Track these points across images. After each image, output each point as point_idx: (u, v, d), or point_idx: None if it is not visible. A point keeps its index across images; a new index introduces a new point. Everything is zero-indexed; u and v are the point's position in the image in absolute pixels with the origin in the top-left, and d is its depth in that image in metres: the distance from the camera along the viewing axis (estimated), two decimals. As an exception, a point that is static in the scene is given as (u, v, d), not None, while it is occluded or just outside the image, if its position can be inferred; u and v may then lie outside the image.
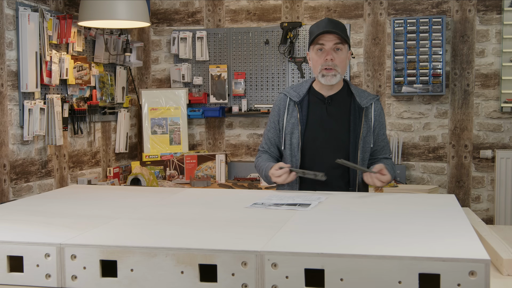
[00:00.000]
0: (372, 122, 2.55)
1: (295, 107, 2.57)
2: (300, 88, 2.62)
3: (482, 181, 4.68)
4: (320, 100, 2.58)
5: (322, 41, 2.48)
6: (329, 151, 2.52)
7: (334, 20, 2.53)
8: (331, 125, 2.54)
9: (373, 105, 2.57)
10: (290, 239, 1.53)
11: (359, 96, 2.57)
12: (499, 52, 4.57)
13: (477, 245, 1.42)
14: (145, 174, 4.26)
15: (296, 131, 2.55)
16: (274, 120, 2.65)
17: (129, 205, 2.08)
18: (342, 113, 2.56)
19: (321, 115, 2.56)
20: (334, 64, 2.48)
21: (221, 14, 5.09)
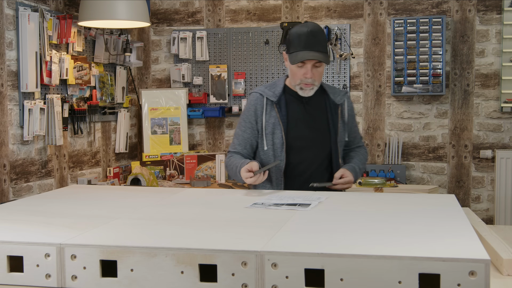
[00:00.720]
0: (346, 117, 2.67)
1: (273, 106, 2.59)
2: (275, 88, 2.63)
3: (482, 181, 4.68)
4: (297, 99, 2.62)
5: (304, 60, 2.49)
6: (313, 149, 2.60)
7: (315, 33, 2.50)
8: (312, 123, 2.61)
9: (346, 101, 2.69)
10: (290, 239, 1.53)
11: (332, 94, 2.66)
12: (499, 52, 4.57)
13: (477, 245, 1.42)
14: (145, 174, 4.26)
15: (278, 131, 2.57)
16: (250, 120, 2.64)
17: (129, 205, 2.08)
18: (320, 111, 2.64)
19: (301, 114, 2.61)
20: (313, 80, 2.53)
21: (221, 14, 5.09)
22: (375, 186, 4.05)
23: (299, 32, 2.50)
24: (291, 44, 2.53)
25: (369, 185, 4.07)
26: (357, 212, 1.94)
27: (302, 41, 2.48)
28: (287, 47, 2.56)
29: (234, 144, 2.68)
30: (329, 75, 4.87)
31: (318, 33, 2.51)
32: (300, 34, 2.50)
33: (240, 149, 2.65)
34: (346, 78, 4.85)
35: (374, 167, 4.70)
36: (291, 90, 2.63)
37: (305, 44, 2.47)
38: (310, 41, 2.48)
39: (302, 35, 2.49)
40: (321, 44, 2.51)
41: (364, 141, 2.85)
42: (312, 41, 2.48)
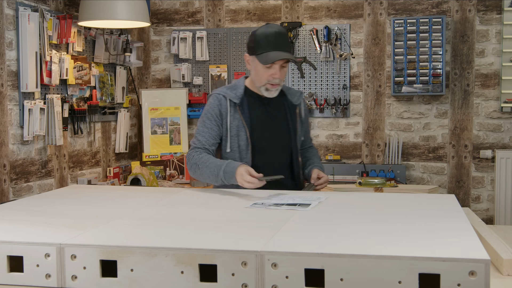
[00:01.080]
0: (303, 117, 2.74)
1: (236, 108, 2.58)
2: (236, 89, 2.62)
3: (482, 181, 4.68)
4: (258, 101, 2.64)
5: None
6: (276, 149, 2.63)
7: (281, 32, 2.52)
8: (274, 124, 2.64)
9: (302, 102, 2.75)
10: (290, 239, 1.53)
11: (289, 94, 2.70)
12: (499, 52, 4.57)
13: (477, 245, 1.42)
14: (145, 174, 4.26)
15: (242, 133, 2.56)
16: (215, 119, 2.58)
17: (129, 205, 2.08)
18: (279, 112, 2.68)
19: (263, 116, 2.63)
20: (280, 80, 2.55)
21: (221, 14, 5.09)
22: (375, 186, 4.05)
23: (266, 33, 2.51)
24: (259, 45, 2.51)
25: (369, 185, 4.08)
26: (357, 212, 1.94)
27: (271, 42, 2.48)
28: (253, 48, 2.54)
29: (200, 141, 2.57)
30: (329, 75, 4.87)
31: (284, 34, 2.56)
32: (267, 35, 2.49)
33: (208, 145, 2.56)
34: (346, 78, 4.85)
35: (374, 167, 4.70)
36: (252, 92, 2.63)
37: (274, 45, 2.48)
38: (279, 42, 2.49)
39: (270, 35, 2.49)
40: (288, 44, 2.57)
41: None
42: (280, 42, 2.50)
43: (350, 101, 4.87)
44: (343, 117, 4.88)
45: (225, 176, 2.39)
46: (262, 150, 2.59)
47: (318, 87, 4.89)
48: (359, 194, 2.32)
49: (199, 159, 2.50)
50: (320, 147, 4.94)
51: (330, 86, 4.88)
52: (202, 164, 2.48)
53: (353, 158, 4.90)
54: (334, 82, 4.87)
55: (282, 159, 2.64)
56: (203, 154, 2.52)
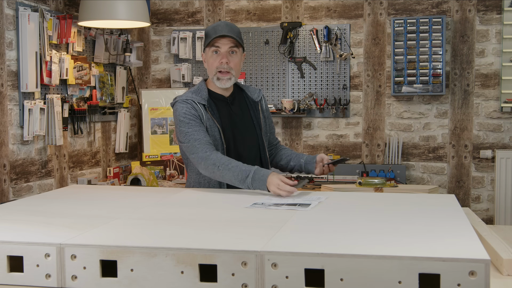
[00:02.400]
0: (265, 113, 2.77)
1: (207, 110, 2.58)
2: (200, 93, 2.61)
3: (482, 181, 4.68)
4: (222, 102, 2.66)
5: (218, 44, 2.56)
6: (246, 146, 2.66)
7: (230, 23, 2.63)
8: (240, 124, 2.67)
9: (263, 98, 2.79)
10: (290, 239, 1.53)
11: (249, 91, 2.75)
12: (499, 52, 4.57)
13: (477, 245, 1.42)
14: (145, 174, 4.26)
15: (216, 133, 2.56)
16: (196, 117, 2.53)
17: (129, 205, 2.08)
18: (243, 110, 2.71)
19: (230, 116, 2.65)
20: (229, 67, 2.57)
21: (221, 14, 5.09)
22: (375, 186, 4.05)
23: (214, 25, 2.61)
24: (206, 36, 2.61)
25: (369, 185, 4.07)
26: (357, 212, 1.94)
27: (217, 30, 2.57)
28: (204, 42, 2.63)
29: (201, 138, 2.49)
30: (329, 75, 4.87)
31: (231, 25, 2.63)
32: (215, 26, 2.60)
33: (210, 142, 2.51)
34: (346, 78, 4.85)
35: (374, 167, 4.70)
36: (214, 93, 2.65)
37: (219, 31, 2.56)
38: (224, 29, 2.57)
39: (217, 26, 2.60)
40: (235, 33, 2.59)
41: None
42: (225, 28, 2.57)
43: (350, 101, 4.87)
44: (343, 117, 4.88)
45: (253, 183, 2.33)
46: (233, 148, 2.62)
47: (318, 87, 4.89)
48: (359, 194, 2.32)
49: (218, 161, 2.42)
50: (320, 147, 4.94)
51: (330, 86, 4.88)
52: (222, 166, 2.41)
53: (353, 158, 4.90)
54: (334, 82, 4.87)
55: (251, 155, 2.66)
56: (219, 155, 2.45)
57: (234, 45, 2.58)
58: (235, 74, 2.60)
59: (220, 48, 2.57)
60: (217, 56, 2.57)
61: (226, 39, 2.55)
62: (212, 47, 2.57)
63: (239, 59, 2.62)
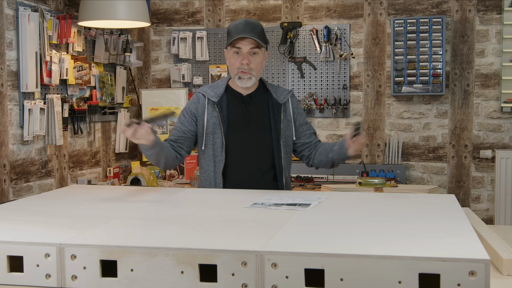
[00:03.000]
0: (292, 116, 2.64)
1: (215, 107, 2.58)
2: (217, 88, 2.62)
3: (482, 181, 4.68)
4: (238, 99, 2.62)
5: (239, 44, 2.52)
6: (253, 149, 2.58)
7: (251, 21, 2.55)
8: (253, 124, 2.59)
9: (290, 100, 2.66)
10: (290, 239, 1.53)
11: (275, 93, 2.64)
12: (499, 52, 4.57)
13: (477, 245, 1.42)
14: (145, 174, 4.26)
15: (218, 131, 2.56)
16: (190, 115, 2.60)
17: (129, 205, 2.08)
18: (261, 111, 2.62)
19: (242, 114, 2.60)
20: (250, 68, 2.53)
21: (221, 14, 5.09)
22: (375, 186, 4.05)
23: (235, 23, 2.55)
24: (229, 35, 2.56)
25: (369, 185, 4.07)
26: (357, 212, 1.94)
27: (239, 29, 2.52)
28: (227, 41, 2.58)
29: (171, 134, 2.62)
30: (329, 75, 4.87)
31: (254, 23, 2.55)
32: (236, 24, 2.55)
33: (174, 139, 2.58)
34: (346, 78, 4.85)
35: (374, 167, 4.71)
36: (234, 91, 2.63)
37: (240, 31, 2.51)
38: (245, 28, 2.51)
39: (239, 24, 2.54)
40: (257, 32, 2.53)
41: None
42: (247, 28, 2.51)
43: (350, 101, 4.87)
44: (343, 117, 4.88)
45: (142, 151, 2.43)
46: (237, 149, 2.57)
47: (318, 87, 4.89)
48: (359, 194, 2.32)
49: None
50: (320, 147, 4.94)
51: (330, 86, 4.88)
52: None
53: (353, 158, 4.90)
54: (334, 82, 4.87)
55: (258, 159, 2.58)
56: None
57: (255, 46, 2.52)
58: (255, 74, 2.56)
59: (241, 49, 2.52)
60: (238, 56, 2.54)
61: (247, 39, 2.51)
62: (233, 47, 2.53)
63: (260, 59, 2.56)
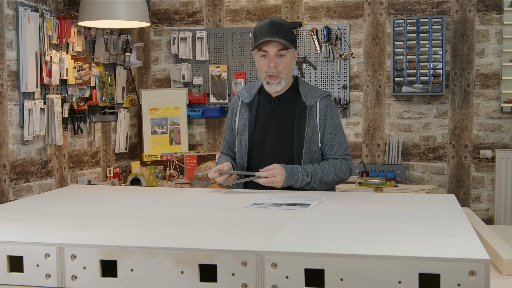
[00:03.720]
0: (317, 121, 2.50)
1: (246, 108, 2.57)
2: (252, 89, 2.61)
3: (482, 181, 4.68)
4: (268, 101, 2.58)
5: (265, 48, 2.45)
6: (274, 152, 2.51)
7: (277, 22, 2.46)
8: (276, 127, 2.53)
9: (318, 103, 2.51)
10: (290, 239, 1.53)
11: (306, 95, 2.53)
12: (499, 52, 4.57)
13: (477, 245, 1.42)
14: (145, 174, 4.26)
15: (245, 133, 2.56)
16: (229, 122, 2.68)
17: (129, 205, 2.08)
18: (287, 114, 2.54)
19: (268, 117, 2.56)
20: (278, 71, 2.46)
21: (221, 14, 5.09)
22: (375, 186, 4.05)
23: (261, 24, 2.49)
24: (255, 37, 2.50)
25: (369, 185, 4.08)
26: (357, 212, 1.94)
27: (264, 30, 2.45)
28: (254, 43, 2.52)
29: (223, 145, 2.77)
30: (329, 75, 4.87)
31: (279, 23, 2.47)
32: (262, 25, 2.48)
33: (226, 151, 2.74)
34: (346, 78, 4.85)
35: (374, 167, 4.71)
36: (266, 92, 2.59)
37: (266, 32, 2.44)
38: (271, 30, 2.44)
39: (264, 25, 2.46)
40: (283, 33, 2.45)
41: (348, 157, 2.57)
42: (272, 30, 2.43)
43: (350, 101, 4.87)
44: (343, 117, 4.88)
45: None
46: (260, 151, 2.55)
47: (318, 87, 4.89)
48: (359, 194, 2.32)
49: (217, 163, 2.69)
50: (320, 147, 4.94)
51: (330, 86, 4.88)
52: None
53: (353, 158, 4.90)
54: (334, 82, 4.87)
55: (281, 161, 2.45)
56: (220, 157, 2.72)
57: (282, 48, 2.45)
58: (284, 77, 2.49)
59: (267, 52, 2.46)
60: (265, 59, 2.47)
61: (273, 43, 2.44)
62: (260, 51, 2.47)
63: (289, 60, 2.48)
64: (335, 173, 2.48)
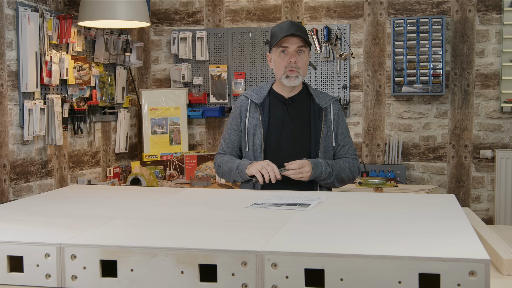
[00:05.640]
0: (332, 121, 2.65)
1: (257, 109, 2.65)
2: (261, 90, 2.70)
3: (482, 181, 4.68)
4: (280, 102, 2.67)
5: (286, 43, 2.56)
6: (291, 152, 2.60)
7: (296, 22, 2.62)
8: (292, 126, 2.63)
9: (332, 105, 2.66)
10: (290, 239, 1.53)
11: (318, 98, 2.66)
12: (499, 52, 4.57)
13: (477, 245, 1.42)
14: (145, 174, 4.26)
15: (258, 133, 2.62)
16: (236, 122, 2.71)
17: (129, 205, 2.08)
18: (302, 114, 2.65)
19: (282, 117, 2.64)
20: (297, 66, 2.58)
21: (221, 14, 5.09)
22: (375, 186, 4.05)
23: (280, 25, 2.62)
24: (273, 36, 2.61)
25: (369, 185, 4.08)
26: (357, 212, 1.94)
27: (284, 29, 2.56)
28: (270, 42, 2.64)
29: (222, 146, 2.76)
30: (329, 75, 4.87)
31: (298, 24, 2.62)
32: (281, 25, 2.60)
33: (229, 151, 2.73)
34: (346, 78, 4.85)
35: (374, 167, 4.71)
36: (277, 93, 2.68)
37: (285, 30, 2.55)
38: (291, 28, 2.56)
39: (283, 25, 2.59)
40: (303, 31, 2.58)
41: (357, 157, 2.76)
42: (293, 28, 2.56)
43: (350, 101, 4.87)
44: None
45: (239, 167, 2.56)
46: (276, 151, 2.61)
47: (318, 87, 4.89)
48: (359, 194, 2.32)
49: (221, 160, 2.69)
50: (320, 147, 4.94)
51: (330, 86, 4.88)
52: (223, 165, 2.67)
53: (353, 158, 4.90)
54: (334, 82, 4.87)
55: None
56: (225, 156, 2.70)
57: (302, 44, 2.57)
58: (302, 73, 2.60)
59: (288, 48, 2.56)
60: (285, 55, 2.58)
61: (295, 38, 2.55)
62: (280, 47, 2.57)
63: (306, 58, 2.61)
64: (350, 169, 2.64)
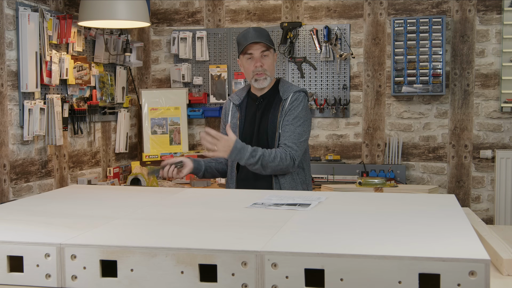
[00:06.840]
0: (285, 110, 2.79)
1: (237, 109, 2.88)
2: (241, 92, 2.94)
3: (482, 181, 4.68)
4: (254, 101, 2.89)
5: (250, 50, 2.79)
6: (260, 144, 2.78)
7: (257, 28, 2.83)
8: (259, 122, 2.83)
9: (291, 96, 2.79)
10: (290, 239, 1.53)
11: (283, 91, 2.83)
12: (499, 52, 4.57)
13: (477, 245, 1.42)
14: (145, 174, 4.26)
15: (236, 130, 2.84)
16: (224, 123, 2.97)
17: (129, 205, 2.08)
18: (269, 109, 2.84)
19: (253, 114, 2.86)
20: (264, 69, 2.80)
21: (221, 14, 5.09)
22: (375, 186, 4.05)
23: (243, 33, 2.82)
24: (239, 44, 2.83)
25: (369, 185, 4.08)
26: (357, 212, 1.94)
27: (247, 37, 2.78)
28: (238, 49, 2.85)
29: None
30: (329, 75, 4.87)
31: (259, 29, 2.82)
32: (244, 34, 2.81)
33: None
34: (346, 78, 4.85)
35: (374, 167, 4.71)
36: (252, 94, 2.90)
37: (249, 38, 2.78)
38: (253, 36, 2.77)
39: (246, 33, 2.80)
40: (264, 37, 2.79)
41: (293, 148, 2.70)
42: (254, 34, 2.77)
43: (350, 101, 4.87)
44: (343, 117, 4.88)
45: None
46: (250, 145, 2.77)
47: (318, 87, 4.89)
48: (359, 194, 2.32)
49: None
50: (320, 147, 4.94)
51: (330, 86, 4.88)
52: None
53: (353, 158, 4.90)
54: (334, 82, 4.87)
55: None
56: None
57: (265, 49, 2.79)
58: (270, 74, 2.82)
59: (253, 54, 2.79)
60: (251, 61, 2.80)
61: (257, 45, 2.77)
62: (246, 54, 2.80)
63: (271, 60, 2.83)
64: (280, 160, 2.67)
